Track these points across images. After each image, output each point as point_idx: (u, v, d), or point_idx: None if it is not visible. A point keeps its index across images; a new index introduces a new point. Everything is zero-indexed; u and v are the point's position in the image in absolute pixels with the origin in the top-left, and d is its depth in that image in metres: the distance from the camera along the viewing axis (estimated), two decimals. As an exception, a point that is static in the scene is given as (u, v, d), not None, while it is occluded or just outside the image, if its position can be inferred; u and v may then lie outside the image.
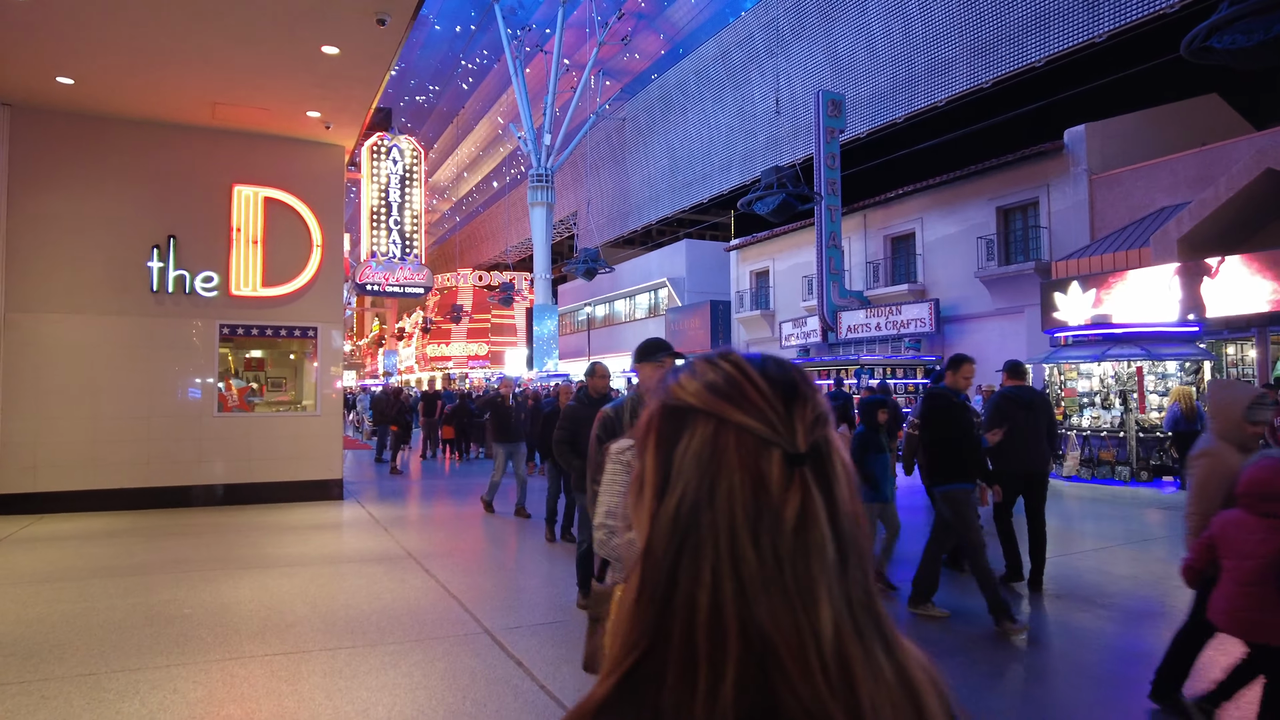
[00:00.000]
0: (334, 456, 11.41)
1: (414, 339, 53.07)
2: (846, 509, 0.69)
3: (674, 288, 34.22)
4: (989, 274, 21.92)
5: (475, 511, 10.93)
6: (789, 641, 0.64)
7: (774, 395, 0.70)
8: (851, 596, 0.68)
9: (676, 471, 0.70)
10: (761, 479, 0.67)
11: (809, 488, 0.67)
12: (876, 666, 0.67)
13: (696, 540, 0.67)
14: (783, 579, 0.65)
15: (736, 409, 0.70)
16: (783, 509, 0.66)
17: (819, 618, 0.65)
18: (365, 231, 11.88)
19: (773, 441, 0.68)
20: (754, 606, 0.65)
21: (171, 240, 10.71)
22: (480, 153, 47.66)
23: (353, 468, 16.42)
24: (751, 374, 0.72)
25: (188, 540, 8.43)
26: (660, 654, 0.67)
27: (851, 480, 0.71)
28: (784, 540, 0.66)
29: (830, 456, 0.70)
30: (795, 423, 0.69)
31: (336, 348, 11.62)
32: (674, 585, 0.67)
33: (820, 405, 0.72)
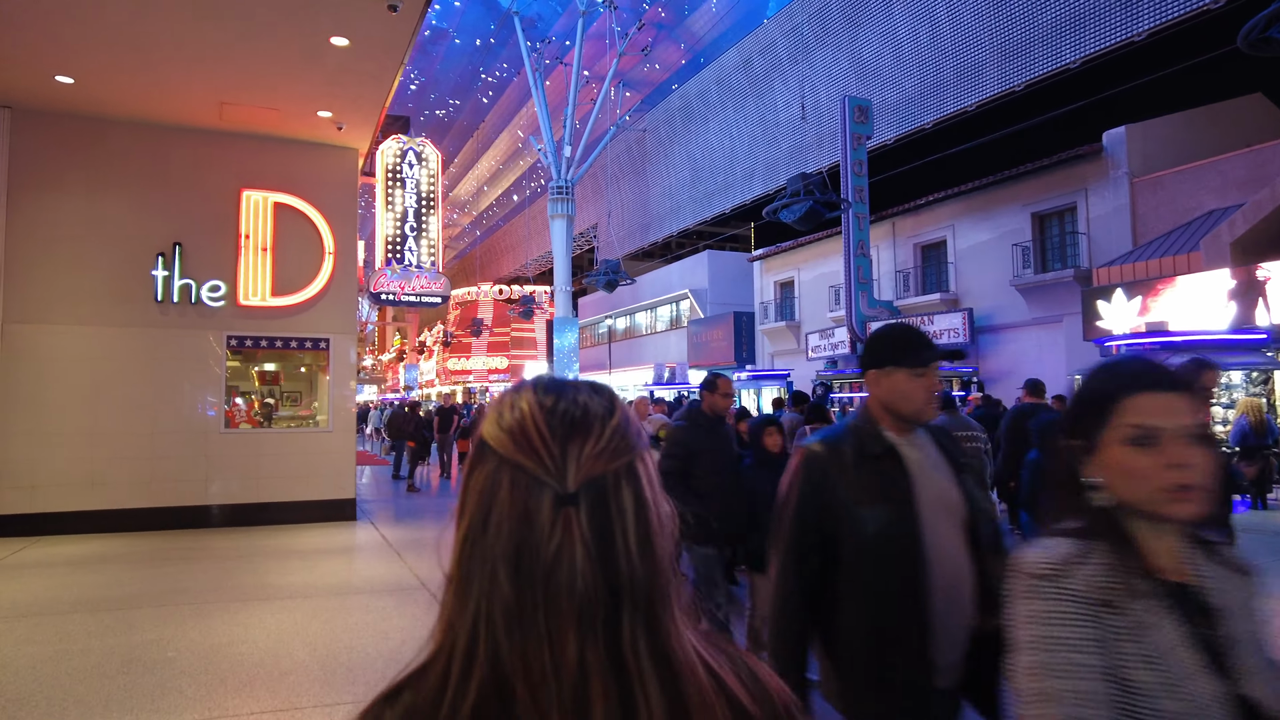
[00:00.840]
0: (347, 475, 10.75)
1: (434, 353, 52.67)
2: (631, 546, 0.69)
3: (696, 299, 33.50)
4: (1025, 282, 21.02)
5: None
6: (530, 675, 0.67)
7: (552, 434, 0.70)
8: (623, 632, 0.68)
9: (467, 496, 0.73)
10: (529, 516, 0.68)
11: (571, 527, 0.68)
12: (634, 706, 0.68)
13: (470, 570, 0.70)
14: (535, 615, 0.67)
15: (515, 447, 0.71)
16: (544, 547, 0.67)
17: (563, 655, 0.67)
18: (380, 238, 11.26)
19: (544, 481, 0.69)
20: (505, 636, 0.67)
21: (177, 247, 10.14)
22: (500, 166, 47.33)
23: (369, 485, 15.79)
24: (535, 411, 0.72)
25: (186, 567, 7.77)
26: (433, 666, 0.72)
27: (646, 513, 0.71)
28: (540, 577, 0.67)
29: (613, 493, 0.70)
30: (568, 463, 0.69)
31: (350, 360, 10.99)
32: (454, 606, 0.71)
33: (606, 442, 0.71)
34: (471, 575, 0.70)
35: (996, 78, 23.11)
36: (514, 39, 35.82)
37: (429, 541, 9.36)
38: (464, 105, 44.27)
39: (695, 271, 33.91)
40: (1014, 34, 22.60)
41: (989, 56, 23.34)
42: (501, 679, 0.68)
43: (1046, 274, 20.76)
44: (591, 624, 0.67)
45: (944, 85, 24.79)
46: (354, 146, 11.05)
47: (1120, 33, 20.23)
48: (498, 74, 41.12)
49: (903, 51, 25.83)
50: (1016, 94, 22.67)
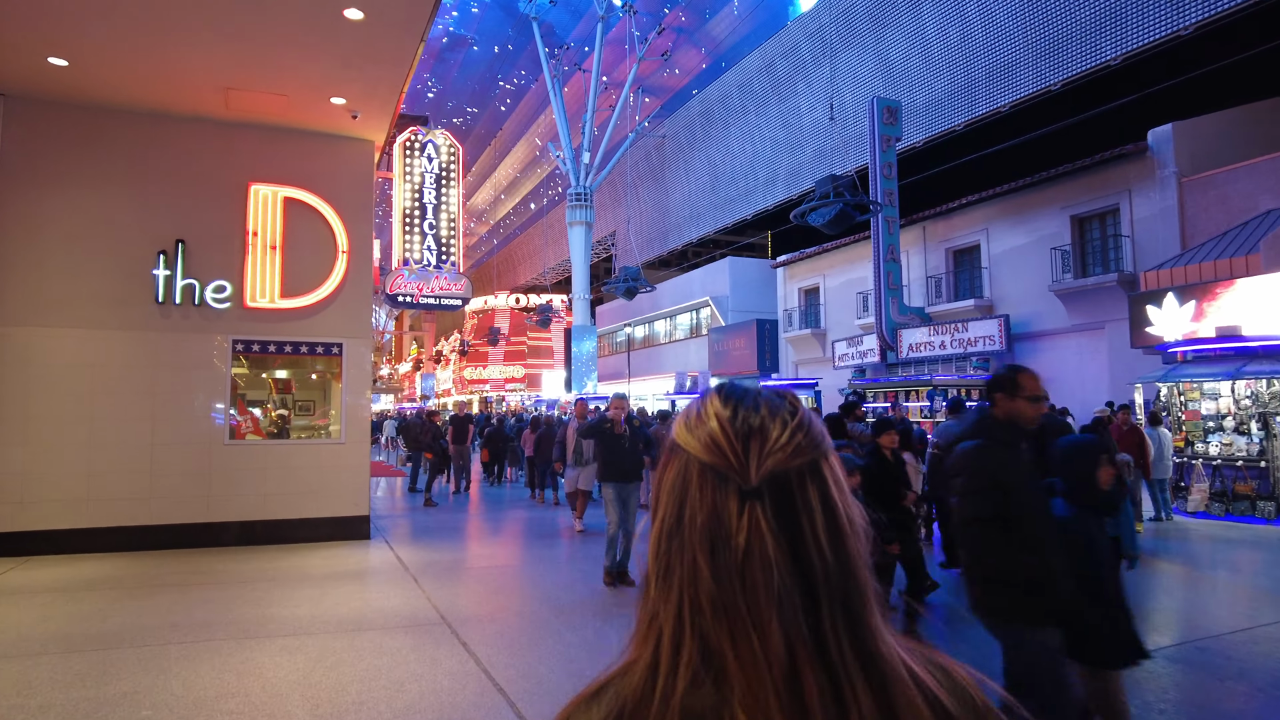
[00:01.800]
0: (360, 490, 9.90)
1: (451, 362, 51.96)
2: (821, 541, 0.71)
3: (717, 306, 32.58)
4: (1064, 287, 19.99)
5: (519, 556, 9.33)
6: (742, 661, 0.69)
7: (734, 433, 0.75)
8: (824, 628, 0.70)
9: (662, 494, 0.78)
10: (718, 510, 0.72)
11: (757, 520, 0.71)
12: (844, 702, 0.69)
13: (670, 561, 0.74)
14: (737, 602, 0.70)
15: (701, 446, 0.75)
16: (734, 538, 0.71)
17: (769, 643, 0.69)
18: (397, 237, 10.45)
19: (728, 477, 0.73)
20: (712, 621, 0.70)
21: (180, 245, 9.35)
22: (518, 174, 46.70)
23: (383, 498, 14.94)
24: (719, 413, 0.77)
25: (180, 596, 6.92)
26: (639, 659, 0.76)
27: (834, 513, 0.73)
28: (735, 567, 0.70)
29: (797, 489, 0.72)
30: (749, 459, 0.73)
31: (365, 367, 10.15)
32: (658, 596, 0.75)
33: (786, 440, 0.74)
34: (672, 566, 0.74)
35: (1032, 76, 22.15)
36: (532, 45, 35.19)
37: (448, 565, 8.47)
38: (481, 113, 43.72)
39: (716, 278, 33.00)
40: (1050, 31, 21.65)
41: (1023, 55, 22.39)
42: (712, 665, 0.70)
43: (1088, 279, 19.72)
44: (792, 615, 0.70)
45: (976, 85, 23.85)
46: (369, 138, 10.25)
47: (1166, 27, 19.24)
48: (515, 81, 40.53)
49: (932, 52, 24.92)
50: (1053, 93, 21.69)
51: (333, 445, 9.90)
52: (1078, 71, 20.97)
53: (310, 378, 10.42)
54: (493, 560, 9.06)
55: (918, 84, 25.56)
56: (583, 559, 8.90)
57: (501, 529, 11.53)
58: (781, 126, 30.18)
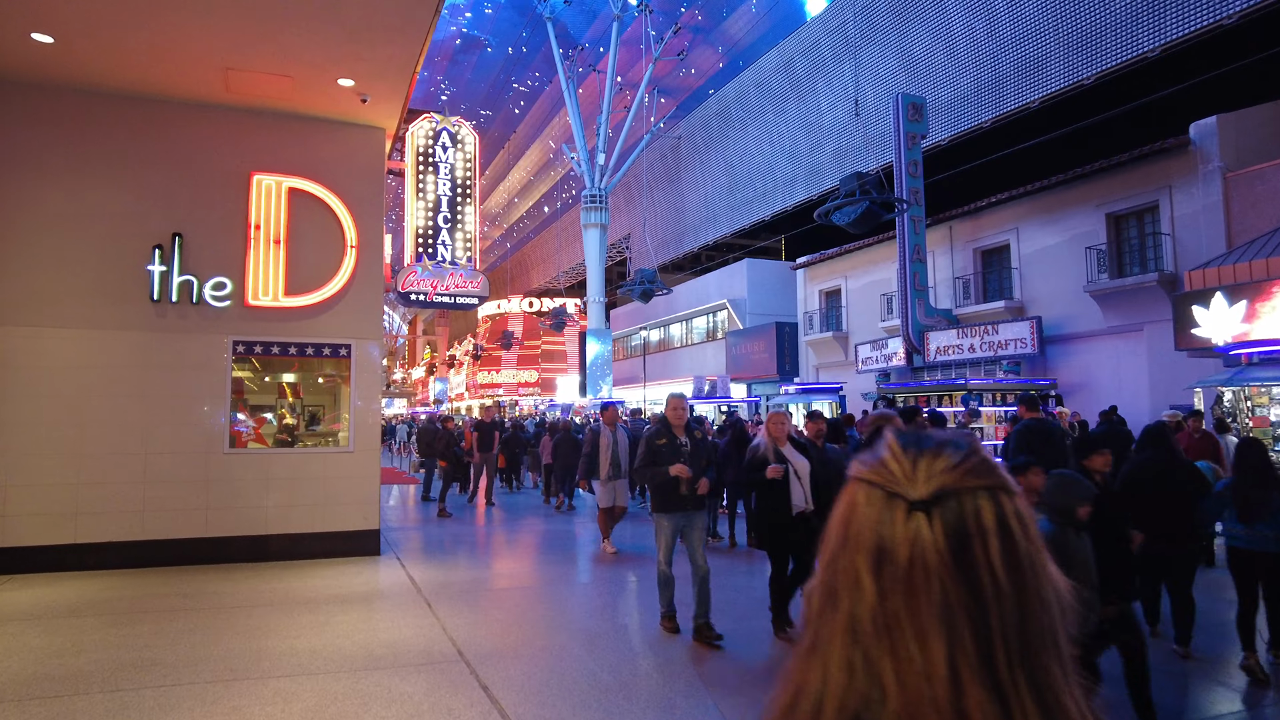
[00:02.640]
0: (370, 502, 9.12)
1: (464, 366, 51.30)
2: (995, 565, 0.70)
3: (734, 309, 31.73)
4: (1100, 288, 19.05)
5: (542, 576, 8.52)
6: (901, 677, 0.68)
7: (904, 452, 0.76)
8: (995, 653, 0.67)
9: (830, 528, 0.78)
10: (883, 524, 0.73)
11: (922, 533, 0.71)
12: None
13: (834, 583, 0.75)
14: (899, 617, 0.69)
15: (870, 470, 0.77)
16: (898, 550, 0.71)
17: (929, 656, 0.67)
18: (410, 231, 9.69)
19: (895, 493, 0.74)
20: (873, 640, 0.70)
21: (177, 239, 8.62)
22: (531, 178, 46.03)
23: (395, 507, 14.17)
24: (892, 442, 0.79)
25: (167, 624, 6.14)
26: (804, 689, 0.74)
27: (1013, 542, 0.71)
28: (899, 582, 0.70)
29: (970, 511, 0.71)
30: (919, 475, 0.74)
31: (375, 370, 9.38)
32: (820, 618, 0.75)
33: (957, 462, 0.74)
34: (837, 584, 0.74)
35: (1063, 70, 21.23)
36: (546, 47, 34.49)
37: (464, 586, 7.66)
38: (495, 116, 43.06)
39: (734, 280, 32.15)
40: (1083, 23, 20.74)
41: (1054, 49, 21.48)
42: (875, 683, 0.69)
43: (1126, 279, 18.78)
44: (957, 629, 0.68)
45: (1003, 81, 22.96)
46: (380, 125, 9.49)
47: (1207, 16, 18.32)
48: (529, 83, 39.86)
49: (957, 47, 24.05)
50: (1086, 87, 20.77)
51: (340, 454, 9.12)
52: (1113, 64, 20.05)
53: (317, 381, 9.66)
54: (513, 580, 8.24)
55: (942, 81, 24.68)
56: (612, 581, 8.08)
57: (522, 543, 10.73)
58: (801, 125, 29.34)
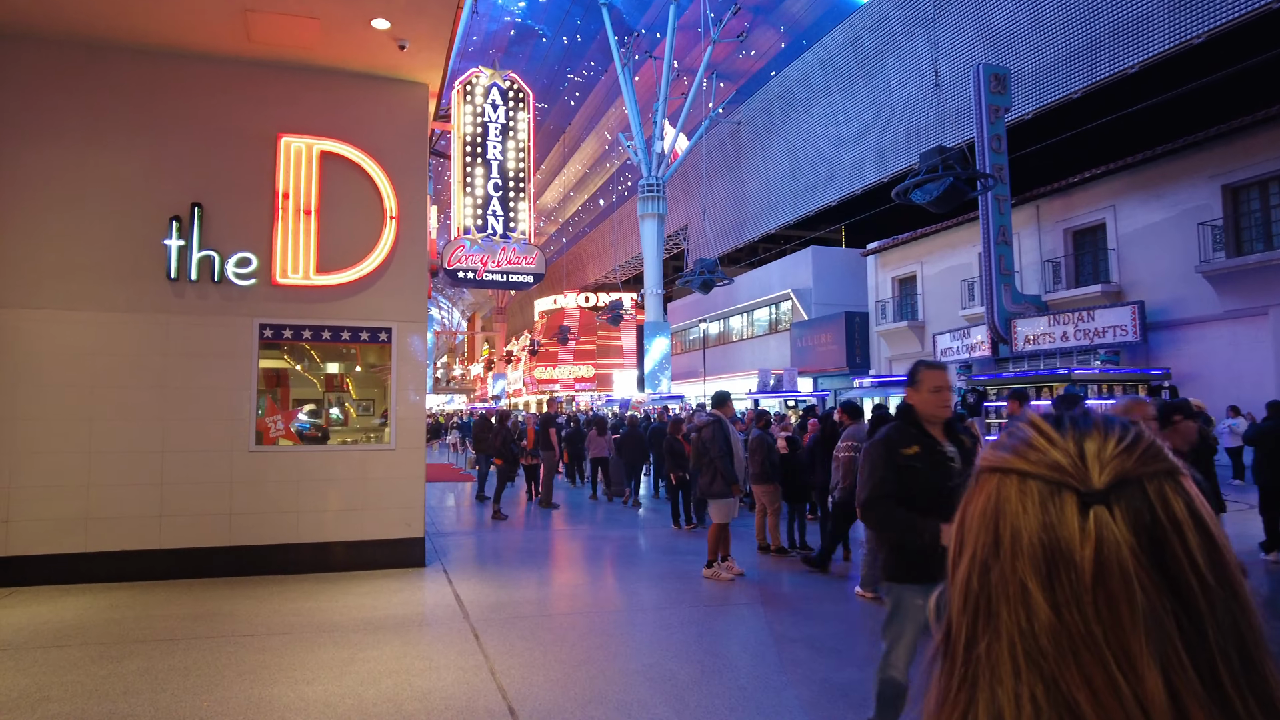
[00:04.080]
0: (414, 507, 7.92)
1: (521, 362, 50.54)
2: (1197, 559, 0.56)
3: (799, 300, 30.03)
4: (1216, 268, 16.94)
5: (619, 597, 7.19)
6: (1107, 711, 0.53)
7: (1063, 436, 0.62)
8: (1218, 667, 0.54)
9: (966, 533, 0.63)
10: (1051, 525, 0.58)
11: (1107, 530, 0.56)
12: None
13: (988, 599, 0.59)
14: (1092, 636, 0.55)
15: (1017, 457, 0.62)
16: (1078, 553, 0.56)
17: (1143, 685, 0.53)
18: (457, 200, 8.48)
19: (1061, 483, 0.59)
20: (1058, 666, 0.55)
21: (196, 210, 7.54)
22: (587, 171, 44.91)
23: (449, 509, 13.04)
24: (1039, 423, 0.64)
25: (159, 659, 4.98)
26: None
27: (1209, 531, 0.58)
28: (1084, 592, 0.55)
29: (1158, 499, 0.57)
30: (1089, 461, 0.59)
31: (419, 357, 8.18)
32: (967, 654, 0.60)
33: (1130, 444, 0.60)
34: (994, 605, 0.58)
35: (1168, 29, 19.04)
36: (601, 35, 33.22)
37: (520, 610, 6.37)
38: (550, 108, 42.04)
39: (798, 269, 30.44)
40: (1192, -24, 18.55)
41: (1156, 7, 19.31)
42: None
43: (1248, 256, 16.65)
44: (1170, 645, 0.54)
45: (1096, 46, 20.81)
46: (421, 80, 8.28)
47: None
48: (585, 73, 38.70)
49: (1043, 12, 21.96)
50: (1195, 44, 18.56)
51: (381, 452, 7.95)
52: (1227, 20, 17.83)
53: (354, 370, 8.51)
54: (579, 602, 6.93)
55: (1025, 50, 22.62)
56: (707, 609, 6.72)
57: (588, 553, 9.45)
58: (869, 105, 27.47)
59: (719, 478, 7.33)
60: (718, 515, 7.42)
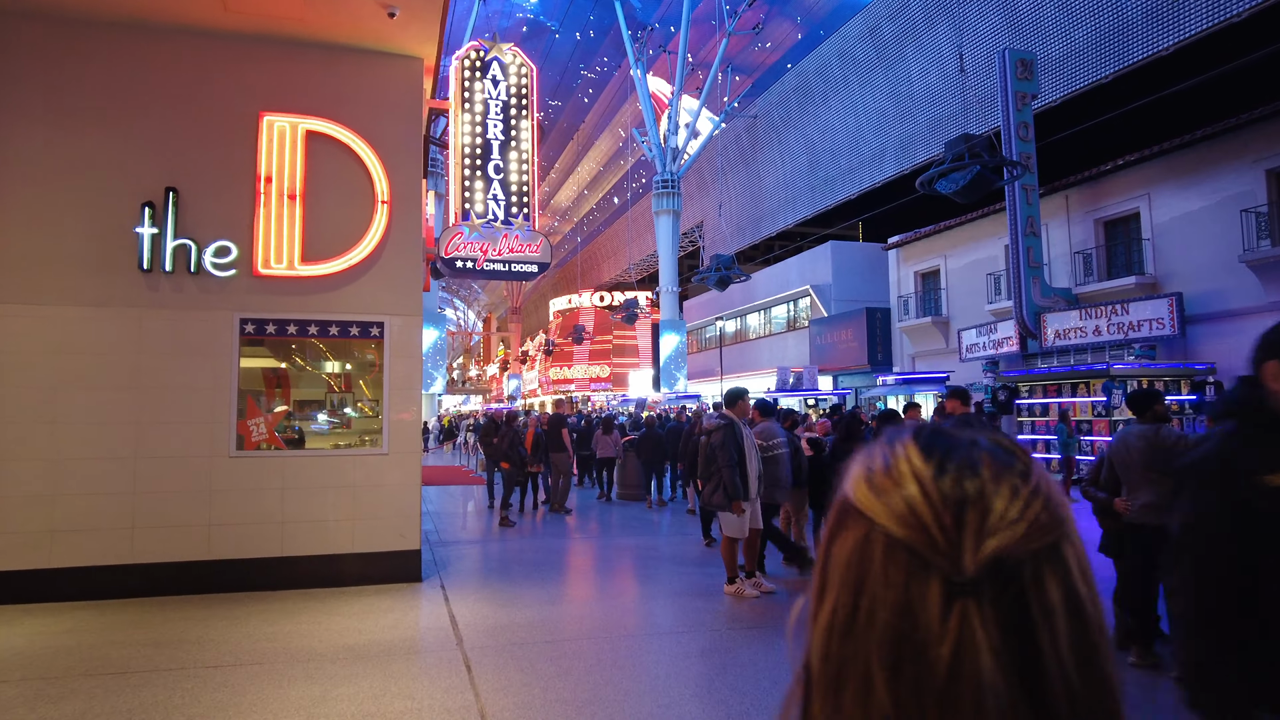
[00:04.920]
0: (408, 516, 7.23)
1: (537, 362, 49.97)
2: (1065, 660, 0.49)
3: (818, 296, 29.17)
4: (1260, 256, 15.98)
5: (638, 618, 6.46)
6: None
7: (941, 499, 0.51)
8: None
9: (830, 574, 0.55)
10: (910, 607, 0.50)
11: (972, 625, 0.48)
12: None
13: (839, 669, 0.52)
14: None
15: (889, 511, 0.52)
16: (932, 649, 0.48)
17: None
18: (454, 184, 7.79)
19: (929, 560, 0.50)
20: None
21: (171, 195, 6.88)
22: (600, 169, 44.25)
23: (455, 515, 12.37)
24: (921, 470, 0.53)
25: (103, 700, 4.29)
26: None
27: (1084, 618, 0.51)
28: (931, 690, 0.48)
29: (1032, 585, 0.49)
30: (964, 537, 0.50)
31: (414, 353, 7.50)
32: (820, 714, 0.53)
33: (1019, 513, 0.50)
34: (843, 680, 0.51)
35: (1206, 8, 18.08)
36: (614, 30, 32.54)
37: (524, 635, 5.64)
38: (564, 106, 41.43)
39: (817, 265, 29.58)
40: (1230, -48, 17.57)
41: (1194, -15, 18.34)
42: None
43: (1296, 243, 15.70)
44: None
45: (1128, 28, 19.86)
46: (415, 54, 7.58)
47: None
48: (598, 69, 38.04)
49: (1071, -5, 21.03)
50: (1236, 22, 17.58)
51: (373, 457, 7.26)
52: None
53: (344, 368, 7.83)
54: (588, 624, 6.18)
55: (1052, 35, 21.69)
56: (729, 634, 5.98)
57: (603, 563, 8.73)
58: (889, 96, 26.58)
59: (721, 489, 6.55)
60: (729, 529, 6.65)
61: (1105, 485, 5.36)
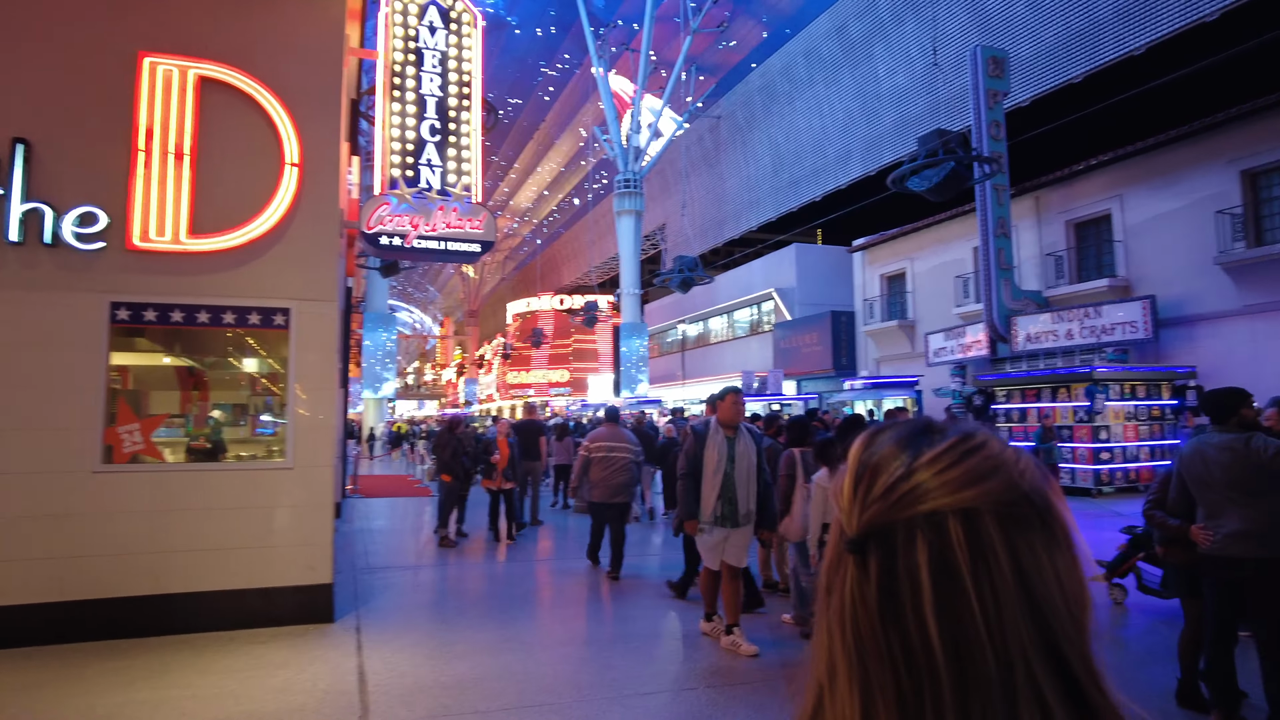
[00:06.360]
0: (318, 544, 5.91)
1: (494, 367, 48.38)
2: (926, 619, 0.53)
3: (782, 299, 28.28)
4: (1236, 259, 15.41)
5: (589, 670, 5.22)
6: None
7: (854, 476, 0.60)
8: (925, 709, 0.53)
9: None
10: (837, 558, 0.60)
11: (852, 576, 0.58)
12: None
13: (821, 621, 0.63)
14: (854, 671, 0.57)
15: (837, 490, 0.63)
16: (840, 593, 0.59)
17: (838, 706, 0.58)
18: (381, 146, 6.49)
19: (843, 526, 0.60)
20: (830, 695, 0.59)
21: (19, 149, 5.50)
22: (562, 169, 42.94)
23: (393, 533, 11.01)
24: (855, 446, 0.63)
25: None
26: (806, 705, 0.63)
27: (952, 586, 0.54)
28: (844, 626, 0.58)
29: (902, 549, 0.55)
30: (854, 504, 0.59)
31: (329, 346, 6.19)
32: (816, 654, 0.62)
33: (894, 483, 0.57)
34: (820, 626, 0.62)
35: (1179, 8, 17.55)
36: (576, 26, 31.32)
37: (448, 699, 4.38)
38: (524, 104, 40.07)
39: (781, 268, 28.70)
40: (1204, -50, 17.05)
41: (1167, -17, 17.81)
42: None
43: (1273, 246, 15.13)
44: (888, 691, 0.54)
45: (1099, 28, 19.30)
46: (336, -9, 6.32)
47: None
48: (559, 66, 36.79)
49: (1041, -6, 20.44)
50: (1209, 21, 17.06)
51: (273, 472, 5.93)
52: (1244, -6, 16.35)
53: (242, 362, 6.48)
54: (537, 681, 4.91)
55: (1022, 35, 21.08)
56: (724, 700, 4.79)
57: (560, 594, 7.48)
58: (855, 95, 25.83)
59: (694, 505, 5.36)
60: (703, 556, 5.48)
61: (1175, 509, 4.31)
